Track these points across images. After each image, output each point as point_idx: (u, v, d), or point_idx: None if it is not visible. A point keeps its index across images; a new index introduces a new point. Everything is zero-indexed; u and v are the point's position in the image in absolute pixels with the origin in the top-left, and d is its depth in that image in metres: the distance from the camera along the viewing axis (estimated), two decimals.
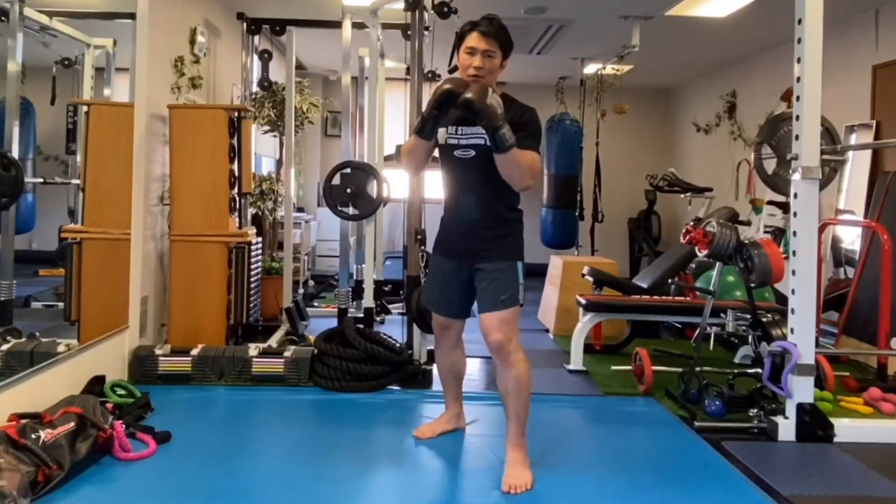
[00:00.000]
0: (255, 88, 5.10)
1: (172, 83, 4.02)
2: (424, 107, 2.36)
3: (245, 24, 4.89)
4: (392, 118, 5.73)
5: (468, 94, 2.19)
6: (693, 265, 5.05)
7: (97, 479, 2.31)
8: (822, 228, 4.02)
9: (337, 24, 4.55)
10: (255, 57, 5.04)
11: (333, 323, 4.09)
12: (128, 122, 3.46)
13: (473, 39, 2.37)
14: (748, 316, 3.53)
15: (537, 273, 5.18)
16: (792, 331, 2.96)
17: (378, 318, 4.77)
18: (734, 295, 4.35)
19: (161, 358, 3.43)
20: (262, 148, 5.97)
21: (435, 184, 2.63)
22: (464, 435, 2.87)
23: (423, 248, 3.64)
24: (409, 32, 3.84)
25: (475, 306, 2.58)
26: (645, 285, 4.81)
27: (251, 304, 4.25)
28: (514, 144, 2.23)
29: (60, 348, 2.90)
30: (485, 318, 2.42)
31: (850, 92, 5.00)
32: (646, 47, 5.51)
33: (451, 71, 2.50)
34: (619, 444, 2.85)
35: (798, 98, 2.95)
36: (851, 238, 4.82)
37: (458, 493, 2.35)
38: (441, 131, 2.44)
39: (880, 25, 4.80)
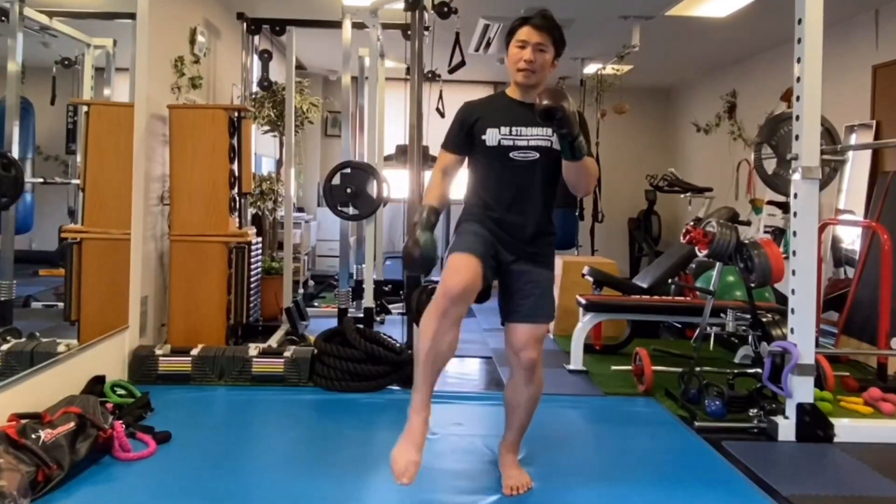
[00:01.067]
0: (255, 88, 5.10)
1: (172, 83, 4.02)
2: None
3: (245, 24, 4.89)
4: (392, 118, 5.73)
5: (547, 102, 1.98)
6: (693, 265, 5.05)
7: (97, 479, 2.31)
8: (822, 228, 4.02)
9: (337, 24, 4.55)
10: (255, 57, 5.04)
11: (333, 323, 4.09)
12: (128, 122, 3.45)
13: (525, 33, 2.22)
14: (748, 316, 3.53)
15: None
16: (792, 331, 2.96)
17: (378, 318, 4.77)
18: (734, 295, 4.35)
19: (161, 358, 3.43)
20: (262, 148, 5.97)
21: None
22: (464, 435, 2.87)
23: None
24: (409, 32, 3.84)
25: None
26: (645, 285, 4.81)
27: (251, 304, 4.25)
28: (587, 152, 2.12)
29: (60, 348, 2.90)
30: (525, 329, 2.24)
31: (850, 92, 5.00)
32: (646, 47, 5.50)
33: (452, 71, 2.47)
34: (619, 444, 2.85)
35: (798, 98, 2.95)
36: (851, 238, 4.82)
37: (459, 494, 2.35)
38: (491, 132, 2.23)
39: (880, 25, 4.80)
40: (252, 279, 4.23)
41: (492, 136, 2.23)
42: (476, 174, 2.33)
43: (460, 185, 2.39)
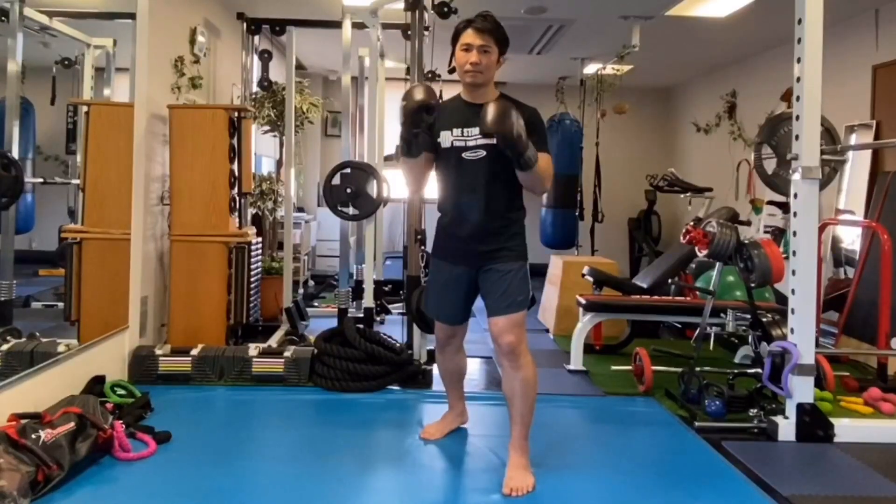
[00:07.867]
0: (255, 88, 5.10)
1: (172, 83, 4.02)
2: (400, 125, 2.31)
3: (245, 24, 4.89)
4: (392, 118, 5.71)
5: (489, 129, 2.13)
6: (693, 265, 5.05)
7: (97, 479, 2.31)
8: (822, 228, 4.02)
9: (337, 24, 4.55)
10: (255, 57, 5.03)
11: (333, 323, 4.08)
12: (128, 122, 3.45)
13: (469, 36, 2.35)
14: (748, 316, 3.53)
15: (537, 273, 5.17)
16: (792, 331, 2.96)
17: (378, 318, 4.77)
18: (734, 295, 4.35)
19: (161, 358, 3.43)
20: (262, 148, 5.96)
21: (434, 184, 2.58)
22: (464, 435, 2.87)
23: (423, 248, 3.64)
24: (409, 32, 3.84)
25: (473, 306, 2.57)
26: (645, 285, 4.81)
27: (251, 304, 4.25)
28: (537, 161, 2.22)
29: (60, 348, 2.90)
30: (497, 321, 2.38)
31: (850, 92, 5.00)
32: (646, 47, 5.51)
33: (452, 71, 2.49)
34: (619, 445, 2.85)
35: (798, 98, 2.95)
36: (851, 238, 4.82)
37: (459, 494, 2.35)
38: (444, 134, 2.39)
39: (880, 25, 4.80)
40: (252, 279, 4.23)
41: (445, 139, 2.39)
42: (439, 175, 2.50)
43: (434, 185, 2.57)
